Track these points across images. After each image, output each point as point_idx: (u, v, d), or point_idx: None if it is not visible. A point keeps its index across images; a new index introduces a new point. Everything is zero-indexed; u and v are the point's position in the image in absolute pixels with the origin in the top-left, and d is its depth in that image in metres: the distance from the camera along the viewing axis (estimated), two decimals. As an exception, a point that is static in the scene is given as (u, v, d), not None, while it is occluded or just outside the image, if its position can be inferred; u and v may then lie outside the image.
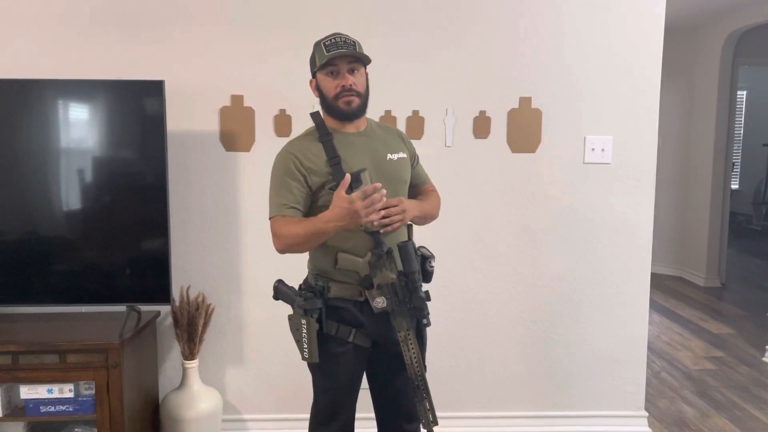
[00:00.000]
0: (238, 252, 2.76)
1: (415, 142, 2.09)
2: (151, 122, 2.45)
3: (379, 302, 1.69)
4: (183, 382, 2.64)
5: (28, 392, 2.32)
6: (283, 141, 2.64)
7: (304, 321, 1.74)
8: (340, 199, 1.60)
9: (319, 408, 1.88)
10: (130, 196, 2.50)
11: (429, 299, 1.70)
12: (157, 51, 2.64)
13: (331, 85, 1.74)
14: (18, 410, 2.37)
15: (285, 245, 1.74)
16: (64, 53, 2.61)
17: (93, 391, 2.33)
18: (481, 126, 2.74)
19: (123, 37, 2.63)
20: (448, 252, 2.72)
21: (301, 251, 1.79)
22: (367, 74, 1.80)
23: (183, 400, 2.60)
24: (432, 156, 2.54)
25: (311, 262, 1.86)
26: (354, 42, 1.74)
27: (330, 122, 1.79)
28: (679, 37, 5.53)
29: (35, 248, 2.49)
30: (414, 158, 1.95)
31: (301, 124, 2.68)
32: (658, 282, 5.47)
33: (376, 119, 2.30)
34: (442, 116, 2.72)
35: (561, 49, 2.74)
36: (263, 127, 2.70)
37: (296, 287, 1.84)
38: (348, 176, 1.62)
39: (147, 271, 2.51)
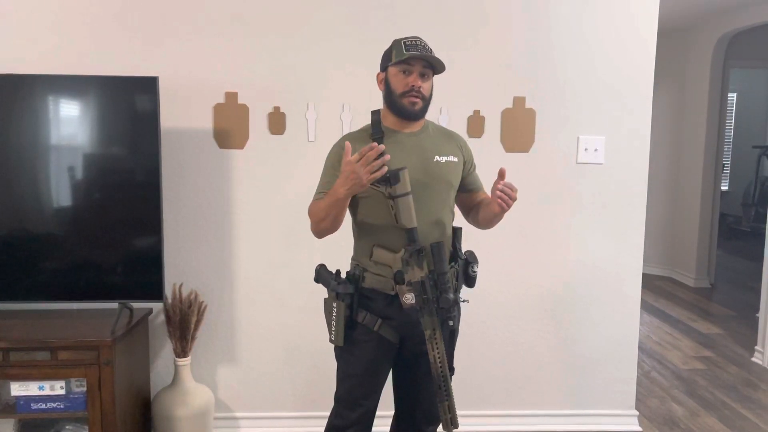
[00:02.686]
0: (231, 250, 2.75)
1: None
2: (144, 119, 2.44)
3: (408, 298, 1.72)
4: (175, 380, 2.63)
5: (18, 389, 2.31)
6: (277, 138, 2.70)
7: (335, 304, 1.81)
8: (343, 164, 1.67)
9: (340, 395, 1.92)
10: (123, 193, 2.48)
11: (458, 302, 1.70)
12: (151, 47, 2.63)
13: (401, 82, 1.79)
14: (8, 407, 2.35)
15: (313, 223, 1.83)
16: (56, 49, 2.60)
17: (84, 389, 2.32)
18: (475, 125, 2.75)
19: (117, 33, 2.61)
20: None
21: (328, 228, 1.81)
22: (432, 83, 1.86)
23: (175, 398, 2.59)
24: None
25: (354, 252, 1.93)
26: (431, 50, 1.81)
27: (389, 120, 1.85)
28: (670, 39, 5.57)
29: (27, 245, 2.48)
30: (470, 165, 1.98)
31: (295, 121, 2.70)
32: (648, 282, 5.50)
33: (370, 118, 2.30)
34: (437, 115, 2.72)
35: (554, 50, 2.75)
36: (257, 124, 2.69)
37: (335, 273, 1.89)
38: (347, 144, 1.67)
39: (139, 269, 2.49)
